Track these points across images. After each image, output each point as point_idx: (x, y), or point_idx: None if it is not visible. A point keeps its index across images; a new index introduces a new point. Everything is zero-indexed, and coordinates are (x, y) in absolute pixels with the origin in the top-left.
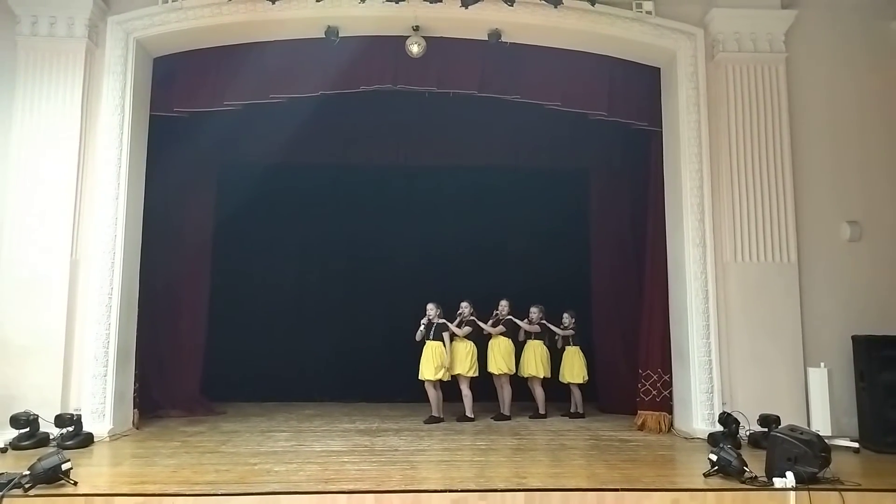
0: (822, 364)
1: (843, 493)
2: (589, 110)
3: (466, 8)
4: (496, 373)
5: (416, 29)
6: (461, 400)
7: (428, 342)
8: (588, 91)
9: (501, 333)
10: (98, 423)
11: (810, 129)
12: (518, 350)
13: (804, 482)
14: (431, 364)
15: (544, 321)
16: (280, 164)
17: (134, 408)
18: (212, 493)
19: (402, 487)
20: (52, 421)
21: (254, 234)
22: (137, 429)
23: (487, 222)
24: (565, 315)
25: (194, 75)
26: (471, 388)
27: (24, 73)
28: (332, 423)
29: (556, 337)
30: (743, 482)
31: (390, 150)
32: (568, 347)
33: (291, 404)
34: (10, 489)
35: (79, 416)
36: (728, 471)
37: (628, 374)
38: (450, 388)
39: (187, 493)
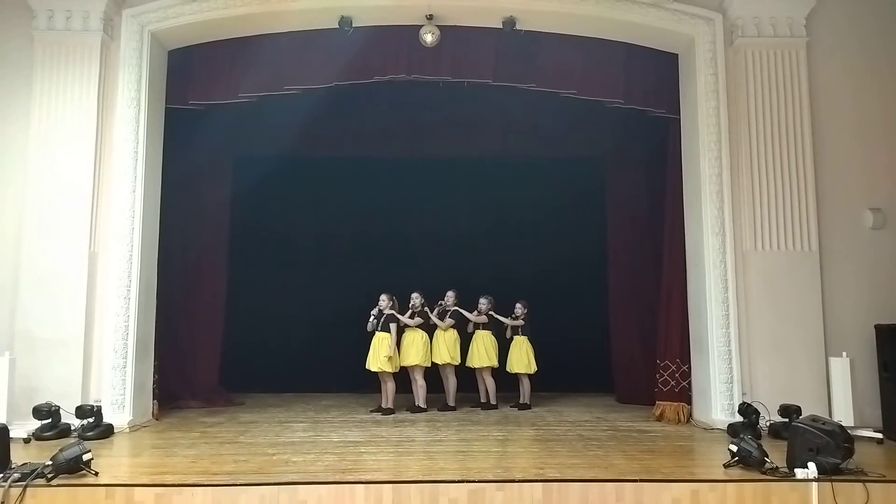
0: (845, 354)
1: (867, 484)
2: (605, 98)
3: None
4: (440, 363)
5: (430, 18)
6: (476, 390)
7: (377, 333)
8: (604, 78)
9: (451, 326)
10: (118, 415)
11: (832, 114)
12: (467, 341)
13: (827, 473)
14: (378, 355)
15: (492, 312)
16: (295, 156)
17: (153, 399)
18: (230, 483)
19: (420, 478)
20: (73, 412)
21: (270, 225)
22: (157, 420)
23: (502, 213)
24: (518, 305)
25: (209, 68)
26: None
27: (40, 67)
28: (350, 413)
29: (505, 326)
30: (764, 473)
31: (404, 141)
32: (516, 337)
33: (309, 395)
34: (34, 479)
35: (99, 408)
36: (748, 462)
37: (645, 364)
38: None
39: (206, 483)
